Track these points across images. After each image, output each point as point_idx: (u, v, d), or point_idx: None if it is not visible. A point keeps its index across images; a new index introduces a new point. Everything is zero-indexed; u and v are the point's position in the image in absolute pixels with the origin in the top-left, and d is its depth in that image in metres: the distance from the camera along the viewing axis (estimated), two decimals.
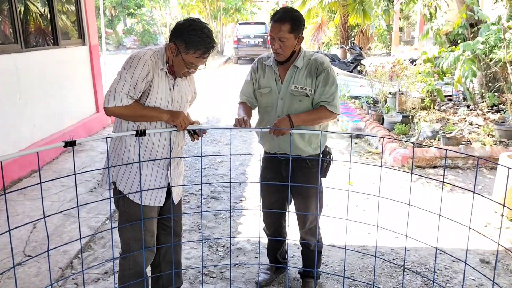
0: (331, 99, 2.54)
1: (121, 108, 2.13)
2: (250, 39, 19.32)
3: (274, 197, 2.86)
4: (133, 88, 2.13)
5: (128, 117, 2.22)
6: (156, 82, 2.21)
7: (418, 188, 4.76)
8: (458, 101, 7.92)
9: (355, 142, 6.52)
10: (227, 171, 5.26)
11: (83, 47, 6.92)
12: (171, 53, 2.22)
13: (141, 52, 2.19)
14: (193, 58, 2.19)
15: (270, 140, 2.70)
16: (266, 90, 2.65)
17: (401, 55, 12.72)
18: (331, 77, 2.56)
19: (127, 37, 29.18)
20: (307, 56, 2.60)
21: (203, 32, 2.17)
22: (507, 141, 5.73)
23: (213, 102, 9.68)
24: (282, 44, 2.47)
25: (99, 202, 4.08)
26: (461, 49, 6.06)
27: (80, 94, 6.71)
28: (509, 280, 3.06)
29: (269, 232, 3.01)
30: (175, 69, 2.26)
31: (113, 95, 2.12)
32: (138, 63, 2.14)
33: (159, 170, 2.35)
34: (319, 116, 2.57)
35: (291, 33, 2.46)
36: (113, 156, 2.34)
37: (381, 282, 3.05)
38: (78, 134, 5.92)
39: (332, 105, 2.55)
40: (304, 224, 2.82)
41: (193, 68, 2.25)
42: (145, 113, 2.22)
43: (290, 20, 2.45)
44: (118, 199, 2.37)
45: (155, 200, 2.36)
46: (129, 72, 2.13)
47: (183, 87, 2.37)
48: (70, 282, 3.06)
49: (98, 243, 3.58)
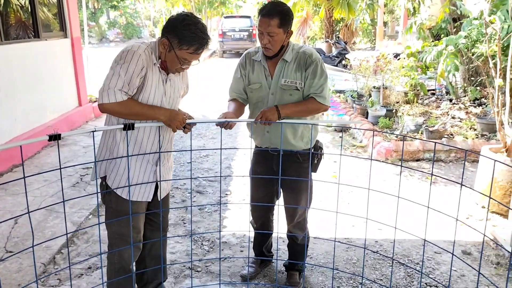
0: (320, 90, 2.53)
1: (115, 105, 2.06)
2: (236, 32, 19.24)
3: (263, 191, 2.85)
4: (128, 84, 2.07)
5: (123, 115, 2.15)
6: (149, 77, 2.16)
7: (402, 180, 4.81)
8: (441, 95, 8.01)
9: (340, 136, 6.56)
10: (212, 165, 5.25)
11: (65, 39, 6.80)
12: (163, 49, 2.16)
13: (135, 46, 2.13)
14: (187, 54, 2.13)
15: (262, 135, 2.69)
16: (256, 85, 2.62)
17: (385, 49, 12.82)
18: (320, 69, 2.54)
19: (110, 30, 28.79)
20: (296, 49, 2.58)
21: (197, 27, 2.12)
22: (489, 134, 5.82)
23: (198, 96, 9.63)
24: (271, 39, 2.44)
25: (82, 197, 4.03)
26: (444, 44, 6.12)
27: (62, 87, 6.60)
28: (489, 271, 3.12)
29: (256, 225, 3.01)
30: (168, 64, 2.20)
31: (107, 91, 2.05)
32: (132, 58, 2.08)
33: (148, 166, 2.31)
34: (307, 107, 2.56)
35: (280, 28, 2.42)
36: (105, 150, 2.32)
37: (365, 274, 3.09)
38: (60, 128, 5.83)
39: (321, 97, 2.53)
40: (292, 218, 2.82)
41: (186, 64, 2.20)
42: (141, 112, 2.16)
43: (279, 15, 2.41)
44: (105, 194, 2.34)
45: (143, 196, 2.33)
46: (123, 68, 2.06)
47: (175, 82, 2.33)
48: (53, 277, 3.02)
49: (81, 238, 3.54)
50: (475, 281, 2.99)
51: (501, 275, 3.08)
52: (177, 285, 2.95)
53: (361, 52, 16.32)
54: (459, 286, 2.97)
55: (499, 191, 3.90)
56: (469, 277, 3.07)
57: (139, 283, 2.64)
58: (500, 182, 3.90)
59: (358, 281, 3.00)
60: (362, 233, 3.56)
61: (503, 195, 3.86)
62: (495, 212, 3.96)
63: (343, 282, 3.01)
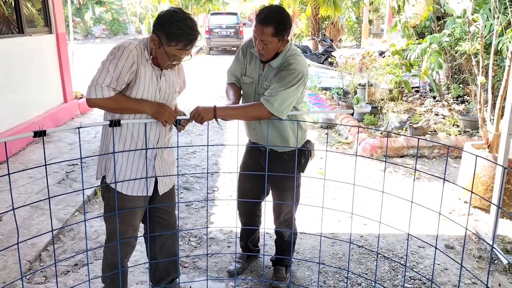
0: (272, 95, 2.37)
1: (102, 100, 2.07)
2: (222, 29, 19.18)
3: (250, 185, 2.87)
4: (116, 80, 2.07)
5: (111, 109, 2.18)
6: (142, 73, 2.16)
7: (386, 176, 4.87)
8: (424, 93, 8.12)
9: (325, 133, 6.61)
10: (199, 161, 5.25)
11: (50, 35, 6.72)
12: (153, 45, 2.16)
13: (126, 43, 2.13)
14: (176, 50, 2.12)
15: (250, 130, 2.71)
16: (248, 80, 2.61)
17: (371, 47, 12.92)
18: (287, 76, 2.40)
19: (96, 26, 28.47)
20: (287, 55, 2.49)
21: (185, 23, 2.09)
22: (471, 131, 5.93)
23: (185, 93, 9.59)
24: (265, 46, 2.39)
25: (68, 194, 4.01)
26: (428, 42, 6.21)
27: (47, 83, 6.52)
28: (472, 265, 3.19)
29: (242, 218, 3.03)
30: (159, 61, 2.20)
31: (95, 87, 2.06)
32: (123, 54, 2.07)
33: (146, 160, 2.32)
34: (245, 111, 2.45)
35: (274, 37, 2.36)
36: (103, 147, 2.34)
37: (350, 268, 3.13)
38: (45, 125, 5.77)
39: (268, 102, 2.36)
40: (278, 215, 2.84)
41: (176, 60, 2.19)
42: (128, 106, 2.17)
43: (274, 23, 2.33)
44: (104, 191, 2.37)
45: (142, 190, 2.34)
46: (112, 63, 2.06)
47: (171, 77, 2.32)
48: (39, 275, 3.01)
49: (68, 235, 3.53)
50: (457, 274, 3.06)
51: (483, 268, 3.15)
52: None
53: (347, 49, 16.43)
54: (442, 279, 3.04)
55: (481, 186, 3.98)
56: (452, 271, 3.13)
57: (153, 280, 2.67)
58: (482, 178, 3.99)
59: (344, 276, 3.04)
60: (347, 228, 3.60)
61: (485, 190, 3.94)
62: (477, 207, 4.04)
63: (329, 276, 3.05)
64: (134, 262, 3.01)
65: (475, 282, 2.99)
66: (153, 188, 2.38)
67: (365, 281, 2.99)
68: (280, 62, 2.49)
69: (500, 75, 5.43)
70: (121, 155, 2.25)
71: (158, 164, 2.36)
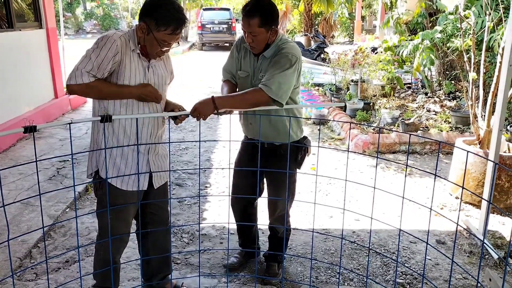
0: (269, 79, 2.36)
1: (82, 86, 2.07)
2: (215, 25, 19.09)
3: (245, 182, 2.84)
4: (97, 68, 2.07)
5: (92, 95, 2.17)
6: (127, 64, 2.16)
7: (378, 172, 4.89)
8: (416, 89, 8.15)
9: (318, 129, 6.62)
10: (192, 158, 5.23)
11: (40, 30, 6.64)
12: (142, 33, 2.16)
13: (110, 33, 2.14)
14: (165, 35, 2.13)
15: (247, 125, 2.70)
16: (244, 74, 2.61)
17: (363, 43, 12.93)
18: (280, 59, 2.41)
19: (87, 21, 28.18)
20: (278, 44, 2.51)
21: (173, 7, 2.12)
22: (463, 127, 5.97)
23: (177, 88, 9.55)
24: (254, 38, 2.40)
25: (59, 190, 3.97)
26: (420, 38, 6.22)
27: (37, 79, 6.45)
28: (463, 260, 3.22)
29: (236, 218, 3.00)
30: (148, 49, 2.20)
31: (75, 72, 2.06)
32: (106, 43, 2.08)
33: (139, 155, 2.31)
34: (245, 97, 2.40)
35: (261, 27, 2.38)
36: (93, 143, 2.32)
37: (342, 264, 3.14)
38: (35, 121, 5.70)
39: (266, 86, 2.34)
40: (274, 212, 2.83)
41: (166, 46, 2.19)
42: (110, 92, 2.16)
43: (260, 14, 2.35)
44: (97, 187, 2.35)
45: (133, 185, 2.33)
46: (95, 52, 2.08)
47: (158, 69, 2.31)
48: (30, 272, 2.98)
49: (58, 232, 3.50)
50: (449, 269, 3.08)
51: (474, 263, 3.18)
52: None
53: (340, 46, 16.45)
54: (434, 274, 3.06)
55: (472, 182, 4.01)
56: (443, 266, 3.15)
57: (145, 277, 2.66)
58: (473, 174, 4.01)
59: (336, 271, 3.05)
60: (339, 224, 3.62)
61: (476, 186, 3.97)
62: (468, 202, 4.07)
63: (321, 272, 3.06)
64: (126, 259, 2.99)
65: (466, 277, 3.01)
66: (147, 182, 2.38)
67: (357, 277, 3.01)
68: (273, 51, 2.50)
69: (492, 71, 5.46)
70: (115, 149, 2.24)
71: (152, 158, 2.36)
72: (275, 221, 2.86)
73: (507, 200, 3.93)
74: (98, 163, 2.30)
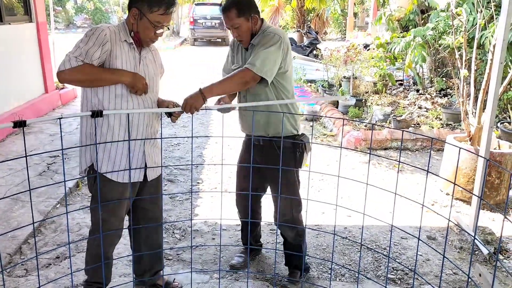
0: (255, 58, 2.37)
1: (72, 71, 2.09)
2: (207, 20, 18.98)
3: (247, 181, 2.73)
4: (85, 54, 2.10)
5: (84, 81, 2.17)
6: (118, 54, 2.18)
7: (370, 168, 4.91)
8: (408, 86, 8.19)
9: (310, 125, 6.62)
10: (184, 153, 5.21)
11: (30, 24, 6.56)
12: (134, 19, 2.20)
13: (99, 25, 2.18)
14: (158, 16, 2.17)
15: (243, 120, 2.68)
16: (236, 66, 2.61)
17: (355, 40, 12.95)
18: (263, 38, 2.44)
19: (78, 15, 27.91)
20: (264, 29, 2.54)
21: None
22: (454, 124, 6.01)
23: (170, 84, 9.50)
24: (238, 30, 2.44)
25: (49, 186, 3.94)
26: (412, 35, 6.26)
27: (27, 73, 6.38)
28: (453, 255, 3.24)
29: (241, 214, 2.98)
30: (142, 35, 2.22)
31: (63, 60, 2.10)
32: (94, 33, 2.13)
33: (136, 146, 2.32)
34: (231, 79, 2.40)
35: (240, 17, 2.42)
36: (85, 138, 2.30)
37: (334, 259, 3.15)
38: (25, 116, 5.63)
39: (250, 63, 2.36)
40: (280, 215, 2.69)
41: (160, 28, 2.22)
42: (102, 76, 2.16)
43: (234, 6, 2.41)
44: (92, 182, 2.35)
45: (133, 177, 2.33)
46: (83, 41, 2.12)
47: (149, 62, 2.34)
48: (20, 268, 2.96)
49: (49, 227, 3.47)
50: (439, 265, 3.11)
51: (464, 259, 3.21)
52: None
53: (332, 42, 16.46)
54: (425, 270, 3.08)
55: (463, 178, 4.04)
56: (433, 261, 3.18)
57: (136, 272, 2.65)
58: (464, 170, 4.04)
59: (328, 267, 3.06)
60: (332, 220, 3.63)
61: (466, 182, 4.00)
62: (458, 198, 4.10)
63: (313, 267, 3.06)
64: (117, 255, 2.97)
65: (456, 272, 3.04)
66: (143, 174, 2.38)
67: (348, 272, 3.02)
68: (260, 38, 2.51)
69: (483, 68, 5.50)
70: (109, 143, 2.24)
71: (148, 149, 2.37)
72: (281, 227, 2.75)
73: (497, 197, 3.97)
74: (92, 158, 2.29)
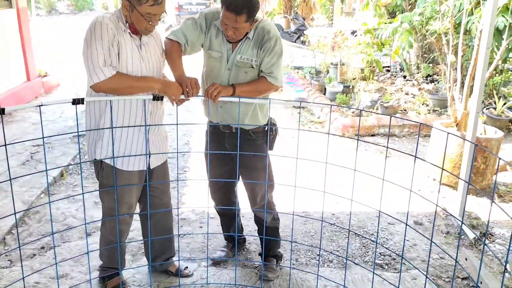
0: (271, 70, 2.46)
1: (107, 81, 2.07)
2: (192, 6, 18.78)
3: (218, 172, 2.73)
4: (109, 56, 2.08)
5: (117, 90, 2.14)
6: (122, 44, 2.16)
7: (358, 155, 4.91)
8: (395, 72, 8.19)
9: (298, 112, 6.60)
10: (170, 141, 5.14)
11: (10, 9, 6.38)
12: (127, 11, 2.16)
13: (99, 18, 2.12)
14: (148, 7, 2.11)
15: (215, 109, 2.60)
16: (217, 54, 2.49)
17: (343, 26, 12.90)
18: (275, 46, 2.44)
19: (60, 1, 27.34)
20: (258, 24, 2.45)
21: None
22: (440, 110, 6.04)
23: None
24: (236, 31, 2.34)
25: (33, 175, 3.87)
26: (399, 21, 6.23)
27: (8, 61, 6.23)
28: (440, 240, 3.27)
29: (217, 207, 2.92)
30: (136, 26, 2.18)
31: (94, 71, 2.06)
32: (102, 29, 2.08)
33: (140, 134, 2.31)
34: (258, 87, 2.50)
35: (247, 22, 2.33)
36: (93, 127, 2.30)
37: (322, 245, 3.16)
38: (7, 104, 5.52)
39: (272, 77, 2.47)
40: (254, 200, 2.71)
41: (153, 19, 2.17)
42: (134, 84, 2.16)
43: (246, 10, 2.26)
44: (98, 171, 2.36)
45: (138, 165, 2.33)
46: (97, 41, 2.07)
47: (151, 46, 2.31)
48: (4, 259, 2.90)
49: (33, 218, 3.41)
50: (426, 250, 3.13)
51: (450, 243, 3.24)
52: (135, 263, 2.91)
53: (319, 28, 16.37)
54: (412, 255, 3.10)
55: (449, 164, 4.07)
56: (420, 246, 3.20)
57: (148, 258, 2.69)
58: (450, 156, 4.07)
59: (316, 253, 3.07)
60: (319, 207, 3.63)
61: (452, 168, 4.03)
62: (445, 184, 4.13)
63: (301, 254, 3.07)
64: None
65: (442, 257, 3.06)
66: (148, 162, 2.38)
67: (336, 258, 3.03)
68: (253, 31, 2.45)
69: (469, 54, 5.51)
70: (115, 131, 2.24)
71: (152, 138, 2.37)
72: (258, 212, 2.74)
73: (483, 182, 4.01)
74: (97, 149, 2.28)
